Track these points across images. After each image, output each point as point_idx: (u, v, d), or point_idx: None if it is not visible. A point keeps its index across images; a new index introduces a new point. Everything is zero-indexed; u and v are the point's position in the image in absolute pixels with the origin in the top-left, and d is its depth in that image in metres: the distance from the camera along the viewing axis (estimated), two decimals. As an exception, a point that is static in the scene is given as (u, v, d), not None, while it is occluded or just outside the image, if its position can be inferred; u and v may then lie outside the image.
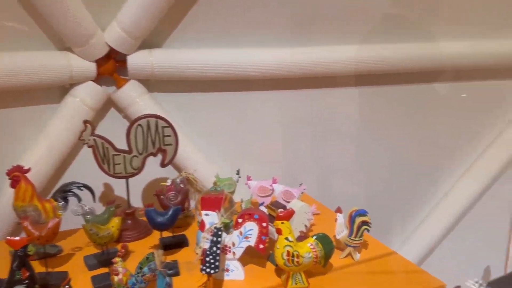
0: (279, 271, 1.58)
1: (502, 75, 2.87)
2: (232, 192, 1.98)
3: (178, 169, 2.28)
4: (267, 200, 2.01)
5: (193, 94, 2.38)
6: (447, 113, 2.87)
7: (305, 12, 2.38)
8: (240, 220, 1.52)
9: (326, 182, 2.76)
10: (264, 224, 1.52)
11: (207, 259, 1.36)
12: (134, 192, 2.25)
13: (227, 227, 1.57)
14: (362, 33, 2.54)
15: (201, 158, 2.33)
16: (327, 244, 1.53)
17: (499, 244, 2.74)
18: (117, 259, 1.34)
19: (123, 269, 1.33)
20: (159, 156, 1.92)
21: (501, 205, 2.84)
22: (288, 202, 1.88)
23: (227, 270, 1.54)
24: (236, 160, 2.49)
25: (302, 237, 1.70)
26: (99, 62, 2.13)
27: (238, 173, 2.03)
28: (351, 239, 1.68)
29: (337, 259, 1.69)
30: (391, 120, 2.76)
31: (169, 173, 2.15)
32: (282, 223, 1.47)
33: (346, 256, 1.71)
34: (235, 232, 1.52)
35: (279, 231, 1.47)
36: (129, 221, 1.89)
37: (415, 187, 2.92)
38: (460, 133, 2.93)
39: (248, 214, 1.52)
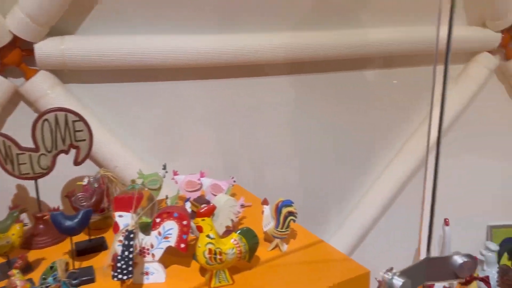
0: (203, 269, 1.50)
1: (430, 60, 2.96)
2: (159, 189, 1.87)
3: (102, 166, 2.13)
4: (196, 195, 1.93)
5: (114, 84, 2.21)
6: (378, 99, 2.93)
7: (231, -3, 2.30)
8: (158, 220, 1.42)
9: (261, 172, 2.73)
10: (185, 222, 1.43)
11: (119, 264, 1.25)
12: (53, 193, 2.08)
13: (146, 228, 1.47)
14: (291, 20, 2.50)
15: (126, 154, 2.18)
16: (251, 238, 1.47)
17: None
18: (14, 271, 1.20)
19: (21, 281, 1.19)
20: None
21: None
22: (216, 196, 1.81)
23: (147, 273, 1.44)
24: (165, 154, 2.38)
25: (230, 232, 1.63)
26: (3, 51, 1.91)
27: (164, 167, 1.92)
28: (278, 230, 1.64)
29: (265, 251, 1.65)
30: (323, 108, 2.76)
31: (94, 171, 2.00)
32: (202, 220, 1.39)
33: (273, 248, 1.67)
34: (153, 233, 1.42)
35: (199, 229, 1.40)
36: (41, 226, 1.73)
37: (350, 172, 2.95)
38: (391, 118, 3.00)
39: (166, 213, 1.43)
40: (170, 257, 1.54)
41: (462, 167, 2.88)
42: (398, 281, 1.03)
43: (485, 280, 2.44)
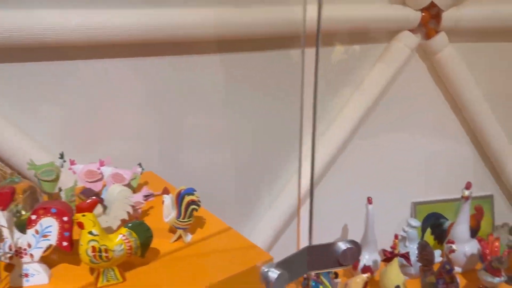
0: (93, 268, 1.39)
1: (359, 39, 2.92)
2: (55, 180, 1.72)
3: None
4: (98, 186, 1.80)
5: (9, 64, 2.00)
6: (308, 75, 2.87)
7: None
8: (34, 217, 1.29)
9: (186, 157, 2.61)
10: (66, 218, 1.31)
11: (-22, 270, 1.12)
12: None
13: (23, 225, 1.33)
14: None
15: (21, 142, 1.99)
16: (143, 233, 1.37)
17: (357, 203, 2.86)
18: None
19: None
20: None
21: (358, 163, 2.96)
22: (119, 186, 1.69)
23: (26, 275, 1.31)
24: (77, 142, 2.22)
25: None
26: None
27: (61, 156, 1.77)
28: (179, 221, 1.55)
29: (167, 243, 1.56)
30: (252, 87, 2.67)
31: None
32: (83, 215, 1.27)
33: (176, 240, 1.58)
34: (30, 231, 1.29)
35: (80, 225, 1.28)
36: None
37: (279, 152, 2.90)
38: (320, 97, 2.95)
39: (43, 209, 1.29)
40: (58, 255, 1.42)
41: (385, 145, 2.91)
42: (273, 273, 0.97)
43: (405, 256, 2.50)
